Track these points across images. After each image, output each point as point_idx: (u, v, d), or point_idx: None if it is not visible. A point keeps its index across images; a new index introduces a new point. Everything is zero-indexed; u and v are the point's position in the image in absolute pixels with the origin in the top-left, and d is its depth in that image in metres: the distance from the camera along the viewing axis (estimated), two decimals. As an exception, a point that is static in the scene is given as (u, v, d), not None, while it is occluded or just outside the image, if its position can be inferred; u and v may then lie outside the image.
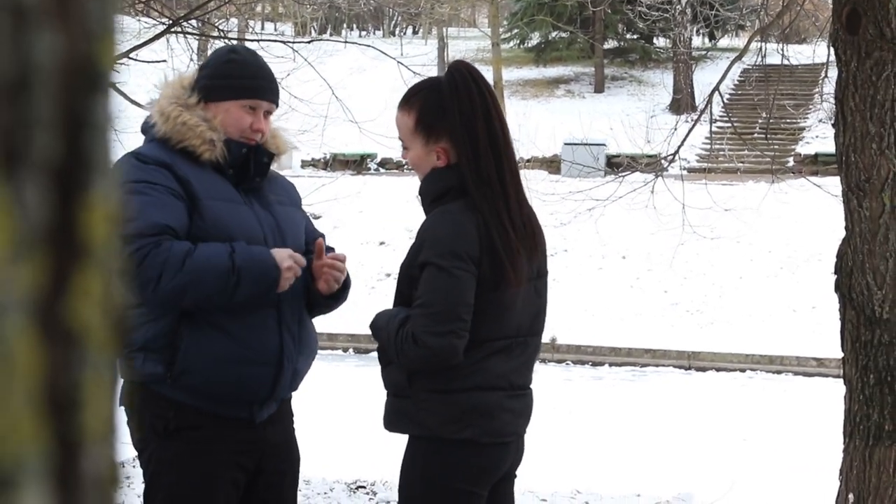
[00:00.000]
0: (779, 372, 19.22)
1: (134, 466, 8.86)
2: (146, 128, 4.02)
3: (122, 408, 3.89)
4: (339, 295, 4.11)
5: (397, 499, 3.85)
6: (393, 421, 3.79)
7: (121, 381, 3.86)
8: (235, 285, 3.72)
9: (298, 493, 4.31)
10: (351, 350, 20.24)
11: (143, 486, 3.98)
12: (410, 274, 3.71)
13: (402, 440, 3.82)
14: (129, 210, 3.63)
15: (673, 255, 20.55)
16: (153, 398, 3.81)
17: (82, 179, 0.60)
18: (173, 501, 3.85)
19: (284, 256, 3.82)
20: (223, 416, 3.87)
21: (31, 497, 0.57)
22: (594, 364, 19.95)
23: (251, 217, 3.95)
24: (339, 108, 12.19)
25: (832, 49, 4.73)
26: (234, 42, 4.01)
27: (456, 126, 3.70)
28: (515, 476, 4.03)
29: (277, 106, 4.10)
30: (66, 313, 0.60)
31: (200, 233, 3.80)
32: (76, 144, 0.60)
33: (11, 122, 0.57)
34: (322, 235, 4.27)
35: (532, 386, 3.94)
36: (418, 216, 3.85)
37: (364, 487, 8.32)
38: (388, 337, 3.68)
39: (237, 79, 3.96)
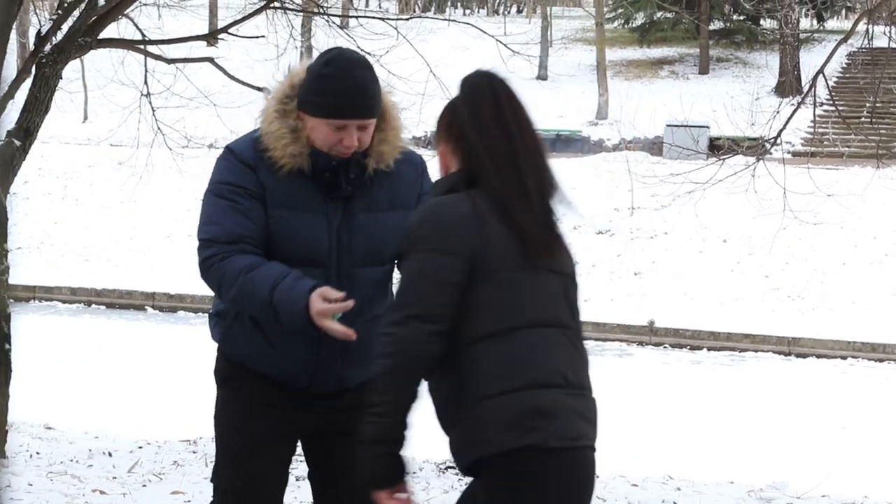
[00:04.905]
0: (881, 360, 18.93)
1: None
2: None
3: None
4: None
5: None
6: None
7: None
8: (274, 317, 3.77)
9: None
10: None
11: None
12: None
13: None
14: (212, 212, 3.92)
15: (774, 240, 20.26)
16: (219, 352, 4.18)
17: None
18: (221, 440, 4.17)
19: (317, 300, 3.65)
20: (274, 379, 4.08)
21: None
22: (692, 348, 19.79)
23: (321, 228, 3.90)
24: (438, 86, 12.16)
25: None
26: (334, 49, 3.72)
27: (463, 124, 3.45)
28: None
29: (374, 117, 3.92)
30: None
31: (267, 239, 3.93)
32: None
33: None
34: None
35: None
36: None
37: (453, 468, 8.28)
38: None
39: (324, 96, 3.83)
